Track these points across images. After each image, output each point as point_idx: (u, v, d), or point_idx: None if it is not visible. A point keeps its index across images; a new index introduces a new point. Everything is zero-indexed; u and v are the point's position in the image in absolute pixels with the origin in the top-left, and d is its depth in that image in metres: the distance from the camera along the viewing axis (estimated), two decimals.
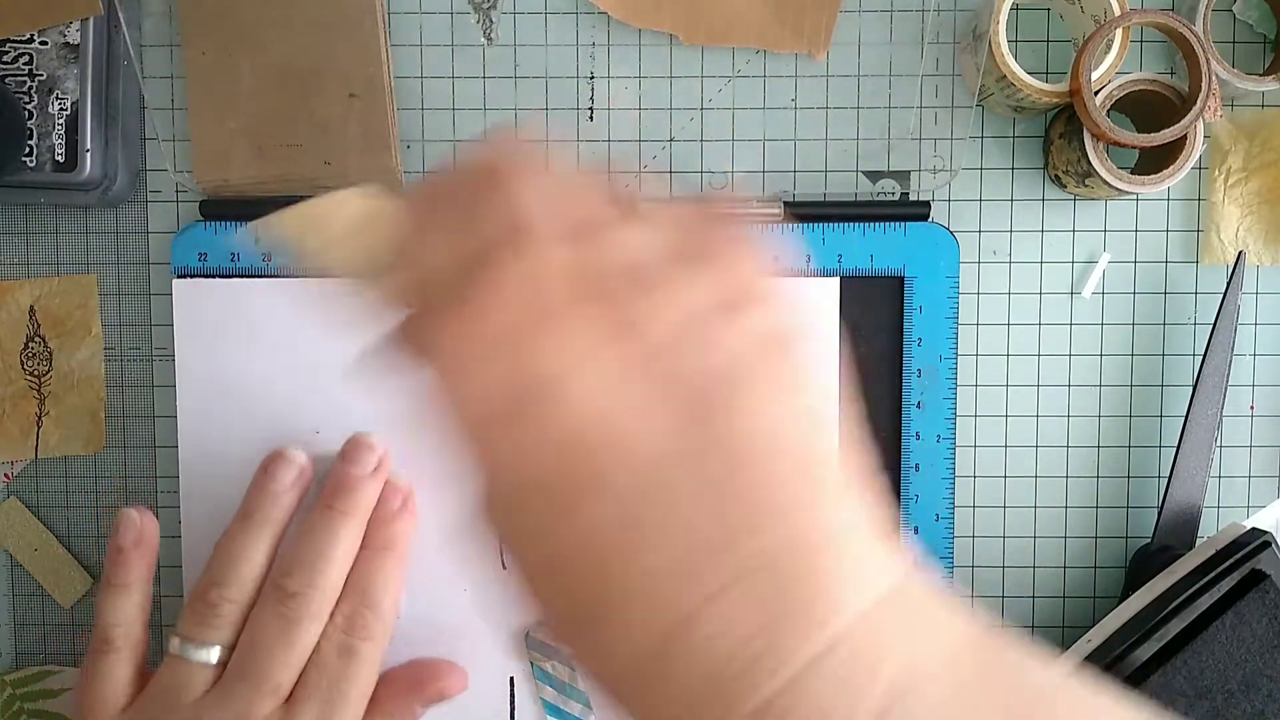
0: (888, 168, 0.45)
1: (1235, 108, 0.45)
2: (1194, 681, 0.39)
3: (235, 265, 0.44)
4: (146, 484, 0.46)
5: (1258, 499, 0.46)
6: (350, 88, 0.44)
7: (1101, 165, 0.41)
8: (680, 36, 0.44)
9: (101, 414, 0.46)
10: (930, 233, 0.44)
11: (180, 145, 0.45)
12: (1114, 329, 0.46)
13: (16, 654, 0.46)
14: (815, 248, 0.44)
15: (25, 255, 0.45)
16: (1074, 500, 0.46)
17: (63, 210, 0.45)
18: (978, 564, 0.46)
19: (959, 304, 0.44)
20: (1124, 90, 0.42)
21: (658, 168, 0.45)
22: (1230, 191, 0.45)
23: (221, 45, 0.44)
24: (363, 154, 0.44)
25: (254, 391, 0.44)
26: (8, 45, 0.42)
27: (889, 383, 0.44)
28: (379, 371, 0.23)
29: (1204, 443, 0.43)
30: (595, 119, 0.45)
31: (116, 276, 0.46)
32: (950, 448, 0.45)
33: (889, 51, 0.45)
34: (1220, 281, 0.45)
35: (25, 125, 0.42)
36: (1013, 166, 0.45)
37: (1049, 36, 0.45)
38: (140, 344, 0.46)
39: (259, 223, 0.27)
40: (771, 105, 0.45)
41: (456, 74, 0.45)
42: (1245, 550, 0.41)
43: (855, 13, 0.45)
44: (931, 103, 0.45)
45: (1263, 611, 0.40)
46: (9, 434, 0.45)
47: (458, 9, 0.45)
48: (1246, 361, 0.46)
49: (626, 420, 0.20)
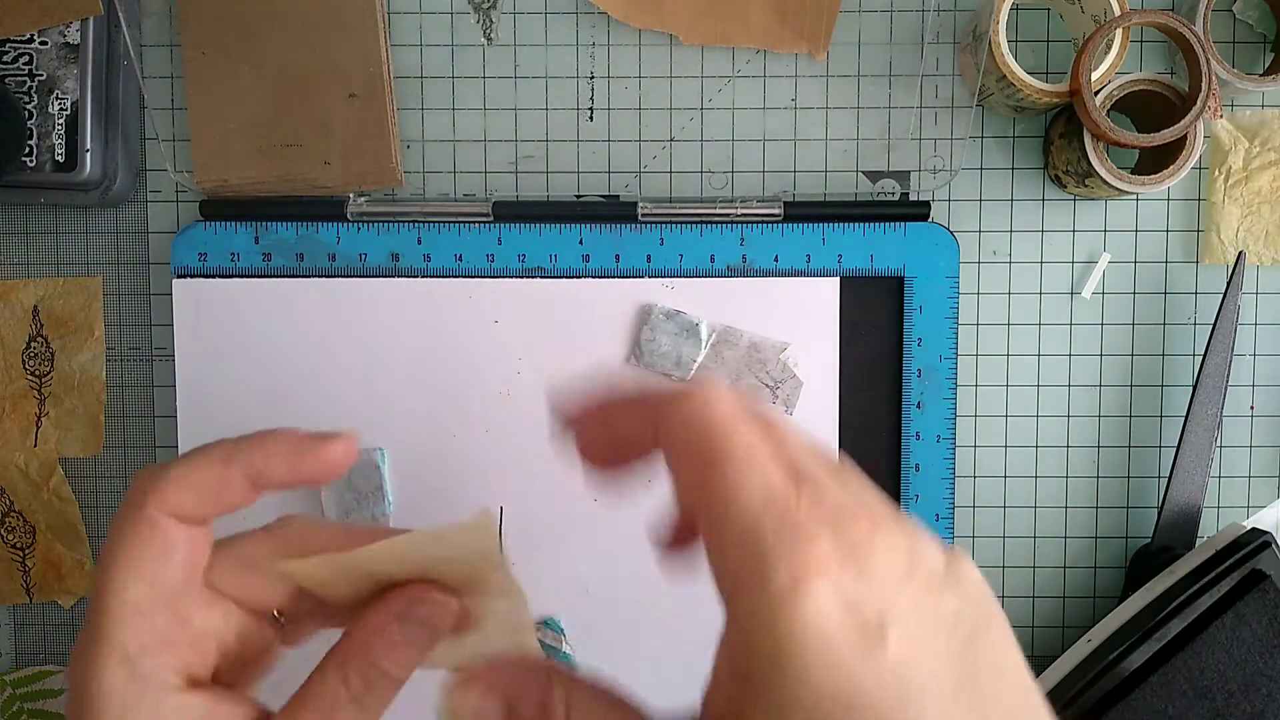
0: (888, 168, 0.45)
1: (1235, 108, 0.45)
2: (1194, 681, 0.39)
3: (235, 265, 0.44)
4: None
5: (1258, 499, 0.46)
6: (350, 88, 0.44)
7: (1101, 165, 0.41)
8: (680, 36, 0.44)
9: (101, 417, 0.46)
10: (930, 233, 0.44)
11: (180, 145, 0.45)
12: (1114, 329, 0.46)
13: (16, 654, 0.47)
14: (815, 248, 0.44)
15: (25, 255, 0.46)
16: (1074, 500, 0.46)
17: (63, 210, 0.45)
18: (978, 564, 0.46)
19: (959, 304, 0.44)
20: (1124, 90, 0.42)
21: (658, 168, 0.45)
22: (1230, 191, 0.45)
23: (221, 45, 0.44)
24: (363, 154, 0.44)
25: (254, 391, 0.44)
26: (8, 45, 0.42)
27: (889, 383, 0.44)
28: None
29: (1204, 443, 0.43)
30: (595, 119, 0.45)
31: (116, 277, 0.46)
32: (950, 448, 0.45)
33: (889, 51, 0.45)
34: (1220, 281, 0.45)
35: (25, 125, 0.42)
36: (1013, 166, 0.45)
37: (1049, 36, 0.45)
38: (140, 344, 0.46)
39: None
40: (771, 105, 0.45)
41: (456, 74, 0.45)
42: (1245, 550, 0.41)
43: (855, 13, 0.45)
44: (931, 103, 0.45)
45: (1263, 611, 0.40)
46: (9, 434, 0.45)
47: (458, 9, 0.45)
48: (1246, 361, 0.46)
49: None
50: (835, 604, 0.22)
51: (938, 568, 0.24)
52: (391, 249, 0.44)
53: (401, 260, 0.44)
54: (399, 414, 0.44)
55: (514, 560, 0.44)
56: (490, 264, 0.44)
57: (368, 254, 0.44)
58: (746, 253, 0.44)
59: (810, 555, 0.22)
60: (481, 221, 0.44)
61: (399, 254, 0.44)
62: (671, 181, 0.45)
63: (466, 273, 0.44)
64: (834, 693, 0.22)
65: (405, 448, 0.44)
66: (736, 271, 0.44)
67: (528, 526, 0.45)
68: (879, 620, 0.22)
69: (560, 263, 0.44)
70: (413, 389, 0.44)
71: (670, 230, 0.44)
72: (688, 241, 0.44)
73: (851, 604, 0.22)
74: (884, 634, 0.22)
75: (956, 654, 0.23)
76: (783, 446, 0.24)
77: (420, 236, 0.44)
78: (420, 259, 0.44)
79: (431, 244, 0.44)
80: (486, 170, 0.45)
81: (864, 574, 0.23)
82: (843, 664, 0.22)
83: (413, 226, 0.44)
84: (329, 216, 0.44)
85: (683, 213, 0.44)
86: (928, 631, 0.23)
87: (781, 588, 0.22)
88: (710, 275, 0.44)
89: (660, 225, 0.44)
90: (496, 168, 0.45)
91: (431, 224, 0.44)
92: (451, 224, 0.44)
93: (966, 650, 0.24)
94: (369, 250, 0.44)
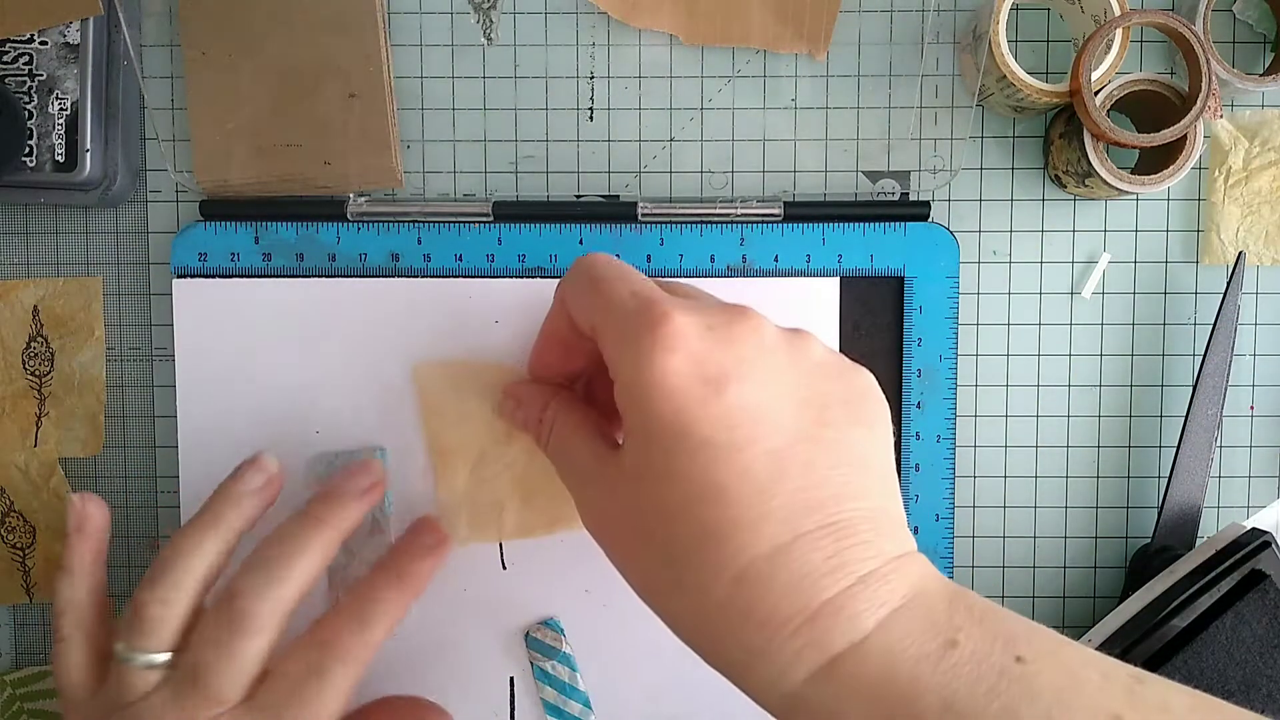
0: (888, 168, 0.45)
1: (1235, 108, 0.45)
2: (1194, 681, 0.39)
3: (235, 265, 0.44)
4: (146, 484, 0.46)
5: (1258, 499, 0.46)
6: (350, 88, 0.44)
7: (1101, 165, 0.41)
8: (680, 36, 0.44)
9: (101, 417, 0.46)
10: (930, 233, 0.44)
11: (180, 145, 0.45)
12: (1114, 329, 0.46)
13: (16, 654, 0.47)
14: (815, 248, 0.44)
15: (25, 255, 0.46)
16: (1074, 500, 0.46)
17: (63, 210, 0.45)
18: (978, 564, 0.46)
19: (959, 304, 0.44)
20: (1124, 90, 0.42)
21: (658, 168, 0.45)
22: (1230, 191, 0.45)
23: (221, 45, 0.44)
24: (363, 154, 0.44)
25: (254, 391, 0.44)
26: (8, 45, 0.42)
27: (889, 383, 0.44)
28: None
29: (1204, 443, 0.43)
30: (595, 119, 0.45)
31: (116, 277, 0.46)
32: (950, 448, 0.45)
33: (889, 51, 0.45)
34: (1220, 281, 0.45)
35: (25, 125, 0.42)
36: (1013, 166, 0.45)
37: (1049, 36, 0.45)
38: (140, 344, 0.46)
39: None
40: (771, 105, 0.45)
41: (456, 74, 0.45)
42: (1245, 550, 0.41)
43: (855, 13, 0.45)
44: (931, 103, 0.45)
45: (1263, 611, 0.40)
46: (9, 434, 0.45)
47: (458, 9, 0.45)
48: (1246, 361, 0.46)
49: (777, 407, 0.30)
50: (685, 365, 0.29)
51: (780, 343, 0.31)
52: (391, 249, 0.44)
53: (401, 260, 0.44)
54: (399, 414, 0.44)
55: (513, 560, 0.44)
56: (490, 264, 0.44)
57: (368, 254, 0.44)
58: (746, 253, 0.44)
59: (665, 332, 0.30)
60: (481, 221, 0.44)
61: (399, 254, 0.44)
62: (671, 181, 0.45)
63: (466, 273, 0.44)
64: (678, 430, 0.29)
65: (405, 448, 0.44)
66: (736, 271, 0.44)
67: None
68: (720, 376, 0.29)
69: (560, 263, 0.44)
70: (413, 389, 0.44)
71: (670, 230, 0.44)
72: (688, 241, 0.44)
73: (699, 365, 0.30)
74: (723, 386, 0.29)
75: (794, 413, 0.30)
76: (646, 278, 0.34)
77: (420, 236, 0.44)
78: (420, 259, 0.44)
79: (431, 244, 0.44)
80: (486, 170, 0.45)
81: (713, 345, 0.30)
82: (686, 408, 0.29)
83: (413, 226, 0.44)
84: (329, 216, 0.44)
85: (683, 213, 0.44)
86: (769, 391, 0.30)
87: (642, 356, 0.30)
88: (710, 275, 0.44)
89: (660, 225, 0.44)
90: (496, 168, 0.45)
91: (431, 224, 0.44)
92: (451, 224, 0.44)
93: (819, 420, 0.30)
94: (369, 250, 0.44)
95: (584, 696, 0.44)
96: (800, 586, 0.28)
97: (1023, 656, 0.28)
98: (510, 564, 0.45)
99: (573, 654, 0.44)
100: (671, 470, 0.29)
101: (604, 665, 0.45)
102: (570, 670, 0.44)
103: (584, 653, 0.45)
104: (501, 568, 0.45)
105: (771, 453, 0.29)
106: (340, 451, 0.44)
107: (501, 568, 0.45)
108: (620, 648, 0.45)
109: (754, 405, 0.29)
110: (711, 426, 0.29)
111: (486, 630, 0.45)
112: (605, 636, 0.45)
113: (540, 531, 0.44)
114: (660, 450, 0.29)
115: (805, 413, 0.30)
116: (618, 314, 0.31)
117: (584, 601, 0.44)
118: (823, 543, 0.29)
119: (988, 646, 0.28)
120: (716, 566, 0.29)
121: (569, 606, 0.45)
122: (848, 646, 0.28)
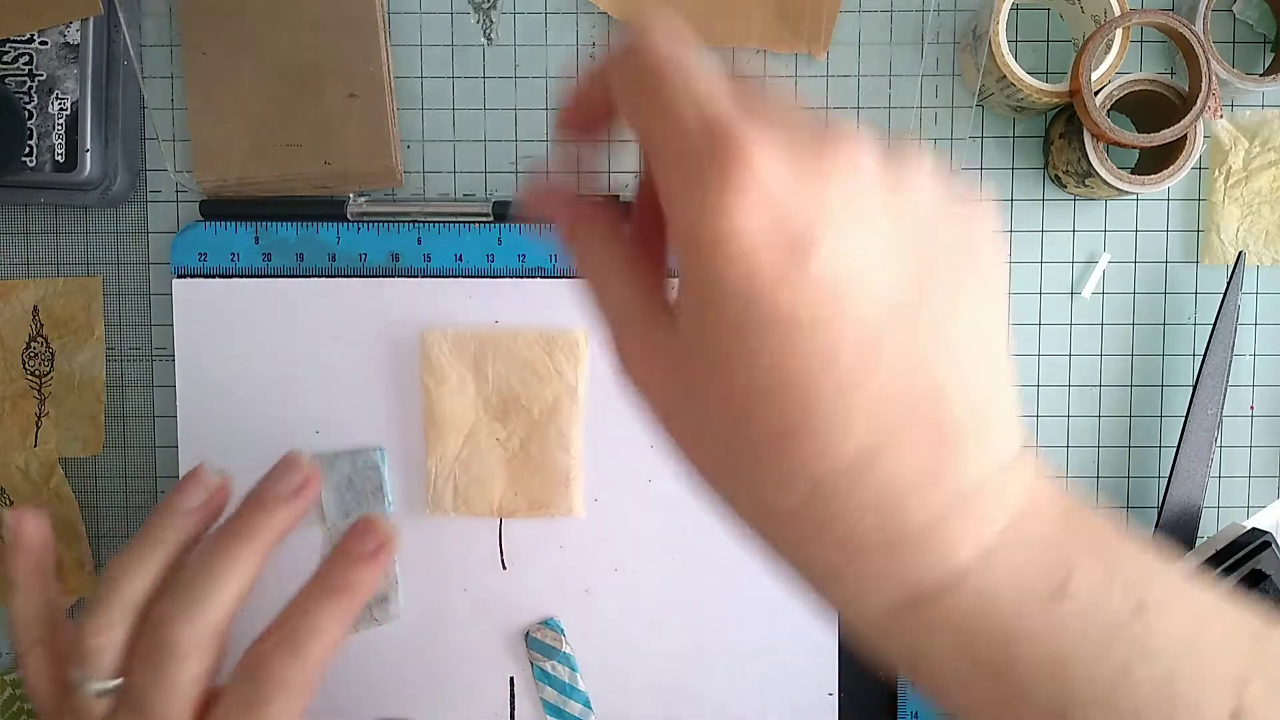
0: None
1: (1235, 108, 0.45)
2: None
3: (235, 265, 0.44)
4: (146, 484, 0.46)
5: (1258, 499, 0.46)
6: (350, 88, 0.44)
7: (1101, 165, 0.41)
8: None
9: (101, 417, 0.46)
10: None
11: (180, 145, 0.45)
12: (1114, 329, 0.46)
13: None
14: None
15: (25, 255, 0.46)
16: None
17: (63, 210, 0.45)
18: None
19: None
20: (1124, 90, 0.42)
21: None
22: (1230, 191, 0.45)
23: (221, 45, 0.44)
24: (363, 154, 0.44)
25: (254, 391, 0.44)
26: (8, 45, 0.42)
27: None
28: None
29: (1204, 443, 0.43)
30: None
31: (116, 276, 0.46)
32: None
33: (889, 51, 0.45)
34: (1220, 281, 0.45)
35: (25, 125, 0.42)
36: (1013, 166, 0.45)
37: (1049, 36, 0.45)
38: (140, 344, 0.46)
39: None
40: None
41: (456, 74, 0.45)
42: (1245, 550, 0.41)
43: (855, 13, 0.45)
44: (931, 103, 0.45)
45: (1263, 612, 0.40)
46: (9, 434, 0.45)
47: (458, 9, 0.45)
48: (1246, 361, 0.46)
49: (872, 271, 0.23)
50: (763, 220, 0.22)
51: (884, 180, 0.24)
52: (391, 249, 0.44)
53: (401, 260, 0.44)
54: (399, 414, 0.44)
55: (513, 560, 0.44)
56: (490, 264, 0.44)
57: (368, 254, 0.44)
58: None
59: (740, 176, 0.22)
60: (481, 221, 0.44)
61: (399, 254, 0.44)
62: None
63: (466, 273, 0.44)
64: (748, 299, 0.23)
65: (405, 448, 0.44)
66: None
67: (528, 526, 0.44)
68: (805, 238, 0.23)
69: (560, 262, 0.44)
70: (412, 389, 0.44)
71: None
72: None
73: (780, 220, 0.23)
74: (808, 251, 0.23)
75: (893, 276, 0.24)
76: (718, 78, 0.25)
77: (420, 236, 0.44)
78: (420, 259, 0.44)
79: (431, 244, 0.44)
80: (486, 170, 0.45)
81: (799, 191, 0.23)
82: (759, 274, 0.23)
83: (413, 226, 0.44)
84: (329, 216, 0.44)
85: None
86: (864, 252, 0.23)
87: (710, 201, 0.23)
88: None
89: None
90: (496, 168, 0.45)
91: (431, 224, 0.44)
92: (451, 224, 0.44)
93: (922, 283, 0.24)
94: (369, 250, 0.44)
95: (584, 696, 0.44)
96: (885, 505, 0.24)
97: (1144, 601, 0.24)
98: (510, 564, 0.45)
99: (573, 654, 0.44)
100: (738, 349, 0.24)
101: (604, 665, 0.45)
102: (570, 670, 0.44)
103: (584, 653, 0.45)
104: (501, 568, 0.45)
105: (861, 333, 0.23)
106: (340, 451, 0.44)
107: (501, 568, 0.45)
108: (620, 648, 0.45)
109: (844, 272, 0.23)
110: (791, 301, 0.23)
111: (486, 630, 0.45)
112: (605, 636, 0.45)
113: (525, 513, 0.44)
114: (725, 323, 0.24)
115: (907, 274, 0.24)
116: (677, 139, 0.24)
117: (584, 601, 0.45)
118: (916, 450, 0.24)
119: (1105, 591, 0.24)
120: (787, 473, 0.24)
121: (569, 606, 0.45)
122: (938, 583, 0.24)
